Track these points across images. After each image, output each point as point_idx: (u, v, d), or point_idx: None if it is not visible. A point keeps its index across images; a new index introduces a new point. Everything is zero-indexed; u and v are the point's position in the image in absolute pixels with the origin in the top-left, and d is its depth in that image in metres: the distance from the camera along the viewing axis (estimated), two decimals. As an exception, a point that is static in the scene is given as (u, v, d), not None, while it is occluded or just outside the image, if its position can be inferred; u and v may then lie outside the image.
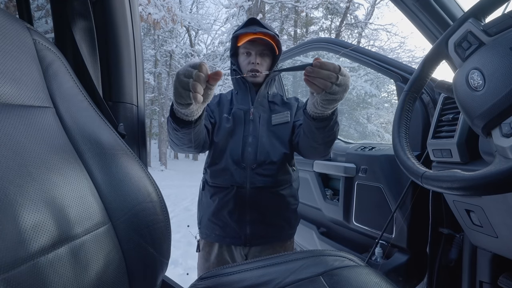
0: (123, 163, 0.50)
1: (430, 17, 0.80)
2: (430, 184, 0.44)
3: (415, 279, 1.03)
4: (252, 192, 0.86)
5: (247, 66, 0.89)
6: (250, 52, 0.89)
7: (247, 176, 0.86)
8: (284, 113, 0.93)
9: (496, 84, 0.40)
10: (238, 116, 0.91)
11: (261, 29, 0.86)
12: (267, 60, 0.91)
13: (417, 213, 0.98)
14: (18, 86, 0.42)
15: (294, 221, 0.96)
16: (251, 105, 0.92)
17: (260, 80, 0.92)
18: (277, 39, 0.88)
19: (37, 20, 1.28)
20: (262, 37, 0.85)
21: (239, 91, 0.95)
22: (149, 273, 0.50)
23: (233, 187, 0.86)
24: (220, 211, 0.88)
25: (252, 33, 0.85)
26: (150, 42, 11.33)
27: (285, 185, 0.90)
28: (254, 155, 0.87)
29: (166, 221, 0.53)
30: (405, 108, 0.58)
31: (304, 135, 0.79)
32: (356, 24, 11.09)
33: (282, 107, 0.95)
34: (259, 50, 0.88)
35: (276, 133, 0.91)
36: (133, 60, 0.72)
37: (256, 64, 0.88)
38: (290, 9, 10.56)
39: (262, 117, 0.92)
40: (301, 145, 0.84)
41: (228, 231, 0.88)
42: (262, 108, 0.93)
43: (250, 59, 0.89)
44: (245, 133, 0.89)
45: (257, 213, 0.87)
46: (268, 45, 0.89)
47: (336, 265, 0.57)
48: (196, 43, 14.26)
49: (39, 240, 0.35)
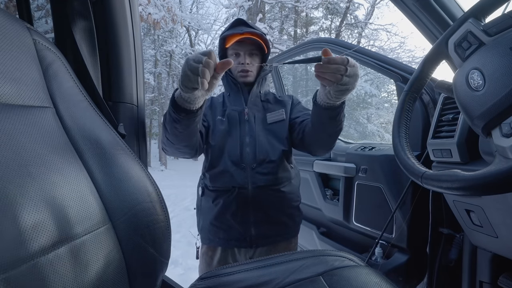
0: (123, 163, 0.50)
1: (430, 17, 0.80)
2: (430, 184, 0.44)
3: (415, 279, 1.03)
4: (254, 192, 0.85)
5: (237, 67, 0.89)
6: (239, 53, 0.89)
7: (248, 176, 0.85)
8: (279, 111, 0.93)
9: (496, 84, 0.40)
10: (233, 117, 0.90)
11: (248, 29, 0.86)
12: (257, 60, 0.91)
13: (417, 213, 0.98)
14: (18, 86, 0.42)
15: (297, 218, 0.96)
16: (244, 105, 0.91)
17: (251, 79, 0.91)
18: (265, 38, 0.88)
19: (37, 20, 1.28)
20: (250, 36, 0.85)
21: (231, 92, 0.94)
22: (149, 273, 0.50)
23: (234, 188, 0.85)
24: (222, 214, 0.86)
25: (239, 34, 0.85)
26: (150, 42, 11.33)
27: (285, 182, 0.90)
28: (253, 155, 0.86)
29: (166, 221, 0.53)
30: (405, 108, 0.58)
31: (313, 128, 0.79)
32: (356, 24, 11.09)
33: (275, 105, 0.95)
34: (248, 50, 0.88)
35: (272, 131, 0.91)
36: (133, 60, 0.72)
37: (246, 64, 0.88)
38: (290, 9, 10.55)
39: (257, 116, 0.91)
40: (308, 140, 0.84)
41: (233, 233, 0.87)
42: (256, 107, 0.93)
43: (240, 59, 0.89)
44: (242, 133, 0.88)
45: (260, 213, 0.86)
46: (256, 44, 0.88)
47: (336, 265, 0.57)
48: (196, 43, 14.26)
49: (39, 240, 0.35)
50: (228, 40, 0.88)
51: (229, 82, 0.93)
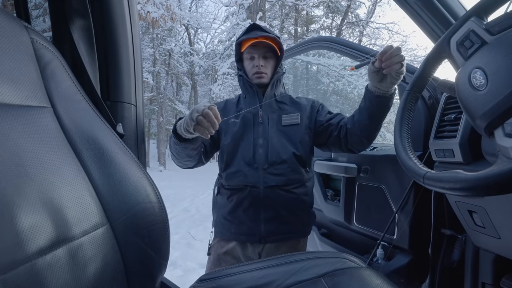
0: (122, 163, 0.49)
1: (432, 16, 0.80)
2: (432, 184, 0.44)
3: (417, 281, 1.03)
4: (265, 191, 0.90)
5: (252, 70, 0.95)
6: (253, 56, 0.94)
7: (260, 176, 0.90)
8: (294, 115, 0.96)
9: (499, 83, 0.39)
10: (248, 119, 0.95)
11: (262, 33, 0.92)
12: (271, 62, 0.95)
13: (419, 214, 0.97)
14: (15, 85, 0.42)
15: (307, 219, 0.98)
16: (259, 108, 0.95)
17: (265, 81, 0.95)
18: (278, 40, 0.94)
19: (34, 18, 1.28)
20: (263, 40, 0.90)
21: (247, 95, 0.99)
22: (147, 275, 0.49)
23: (247, 187, 0.90)
24: (235, 210, 0.92)
25: (253, 38, 0.91)
26: (148, 40, 11.30)
27: (297, 184, 0.93)
28: (265, 156, 0.91)
29: (165, 222, 0.52)
30: (407, 107, 0.58)
31: (361, 120, 0.85)
32: (358, 22, 11.08)
33: (291, 107, 0.99)
34: (261, 53, 0.93)
35: (286, 133, 0.94)
36: (131, 59, 0.72)
37: (260, 67, 0.93)
38: (291, 7, 10.53)
39: (271, 117, 0.95)
40: (354, 131, 0.88)
41: (244, 228, 0.92)
42: (271, 109, 0.96)
43: (254, 62, 0.94)
44: (255, 135, 0.93)
45: (271, 211, 0.90)
46: (270, 47, 0.93)
47: (337, 266, 0.56)
48: (195, 41, 14.26)
49: (36, 241, 0.35)
50: (243, 45, 0.94)
51: (245, 84, 0.97)
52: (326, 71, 9.63)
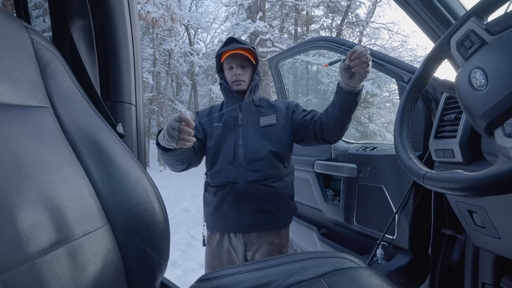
0: (122, 163, 0.49)
1: (432, 16, 0.80)
2: (432, 184, 0.44)
3: (417, 281, 1.03)
4: (246, 186, 0.99)
5: (231, 78, 1.05)
6: (232, 66, 1.04)
7: (240, 173, 0.99)
8: (270, 116, 1.06)
9: (499, 83, 0.39)
10: (229, 123, 1.05)
11: (239, 45, 1.02)
12: (248, 70, 1.06)
13: (419, 214, 0.97)
14: (15, 85, 0.42)
15: (288, 210, 1.07)
16: (239, 111, 1.05)
17: (244, 88, 1.05)
18: (253, 51, 1.05)
19: (34, 18, 1.28)
20: (240, 52, 1.01)
21: (229, 100, 1.09)
22: (147, 275, 0.49)
23: (229, 183, 1.00)
24: (221, 205, 1.02)
25: (231, 50, 1.01)
26: (148, 40, 11.30)
27: (275, 178, 1.02)
28: (245, 155, 1.01)
29: (165, 222, 0.52)
30: (407, 107, 0.58)
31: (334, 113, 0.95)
32: (358, 22, 11.07)
33: (268, 109, 1.08)
34: (239, 63, 1.04)
35: (264, 133, 1.04)
36: (131, 59, 0.72)
37: (238, 75, 1.03)
38: (291, 7, 10.51)
39: (250, 120, 1.05)
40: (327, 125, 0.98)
41: (229, 221, 1.02)
42: (250, 112, 1.06)
43: (233, 71, 1.04)
44: (236, 136, 1.03)
45: (252, 204, 0.99)
46: (246, 58, 1.03)
47: (337, 266, 0.56)
48: (195, 41, 14.24)
49: (36, 241, 0.35)
50: (222, 56, 1.05)
51: (226, 91, 1.08)
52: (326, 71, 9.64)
